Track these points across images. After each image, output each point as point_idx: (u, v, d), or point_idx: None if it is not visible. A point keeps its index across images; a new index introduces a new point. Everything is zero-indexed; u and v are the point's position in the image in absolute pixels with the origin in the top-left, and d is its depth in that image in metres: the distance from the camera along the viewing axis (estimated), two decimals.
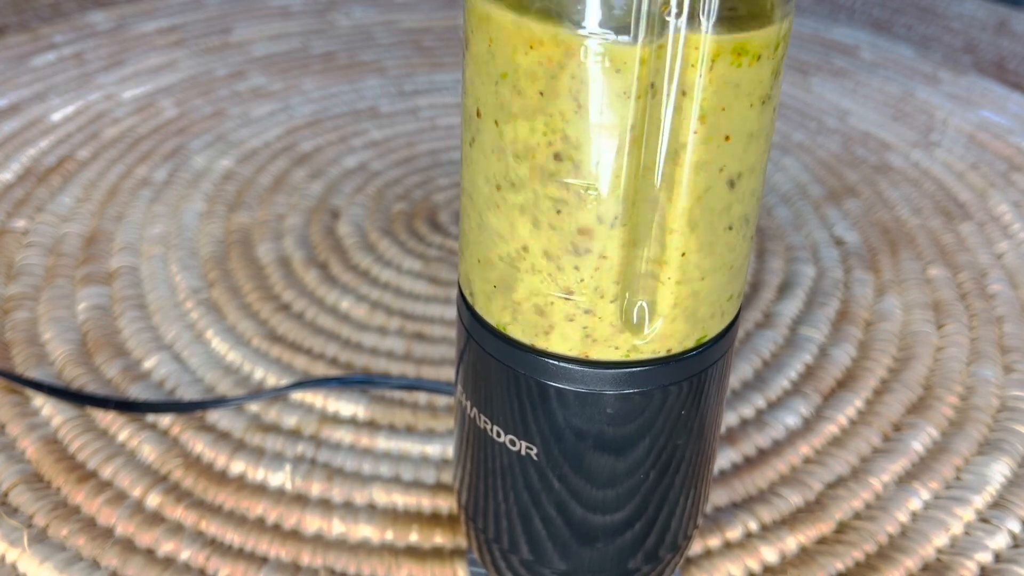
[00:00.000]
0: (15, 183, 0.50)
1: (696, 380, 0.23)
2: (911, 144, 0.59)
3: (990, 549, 0.32)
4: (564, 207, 0.20)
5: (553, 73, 0.19)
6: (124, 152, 0.53)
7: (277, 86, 0.63)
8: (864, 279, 0.46)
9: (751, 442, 0.36)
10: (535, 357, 0.22)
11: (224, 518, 0.32)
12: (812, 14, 0.82)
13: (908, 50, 0.74)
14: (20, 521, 0.31)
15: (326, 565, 0.31)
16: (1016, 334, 0.42)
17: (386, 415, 0.36)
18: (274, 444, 0.35)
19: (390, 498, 0.33)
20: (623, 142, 0.19)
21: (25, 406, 0.36)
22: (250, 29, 0.71)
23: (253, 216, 0.49)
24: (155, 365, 0.38)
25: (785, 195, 0.53)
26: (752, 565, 0.31)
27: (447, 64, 0.68)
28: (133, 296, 0.42)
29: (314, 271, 0.45)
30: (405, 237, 0.48)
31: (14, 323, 0.40)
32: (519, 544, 0.26)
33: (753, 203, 0.22)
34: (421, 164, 0.55)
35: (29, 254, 0.44)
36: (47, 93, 0.59)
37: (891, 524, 0.33)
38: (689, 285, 0.21)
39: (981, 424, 0.37)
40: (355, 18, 0.75)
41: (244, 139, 0.56)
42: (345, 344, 0.40)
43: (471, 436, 0.25)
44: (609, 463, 0.23)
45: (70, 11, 0.73)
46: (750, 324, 0.43)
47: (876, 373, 0.40)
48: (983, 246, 0.49)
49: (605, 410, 0.22)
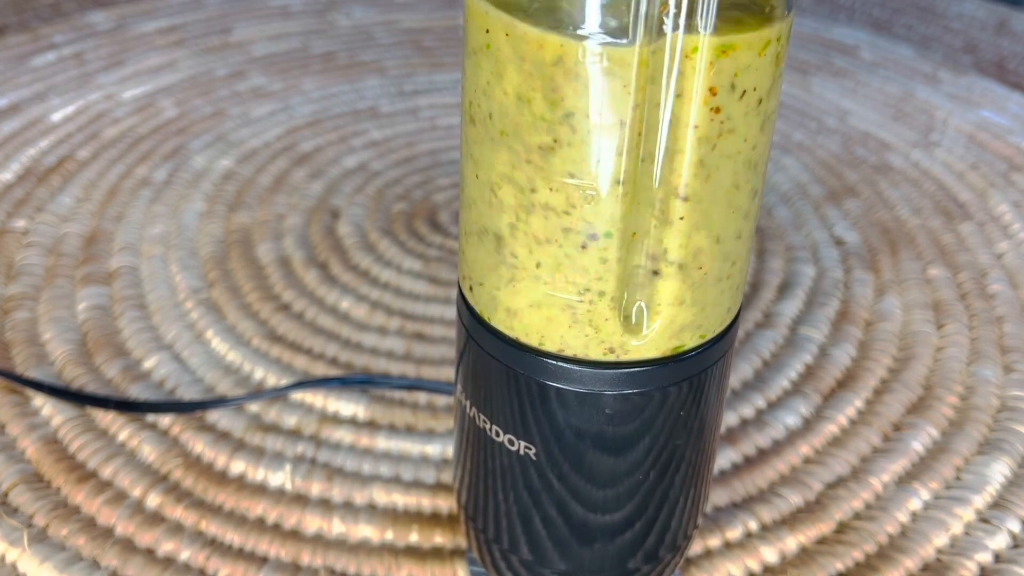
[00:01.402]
0: (15, 183, 0.50)
1: (696, 381, 0.23)
2: (911, 144, 0.59)
3: (990, 549, 0.32)
4: (563, 207, 0.20)
5: (552, 74, 0.19)
6: (124, 152, 0.54)
7: (277, 86, 0.63)
8: (864, 279, 0.46)
9: (751, 442, 0.36)
10: (534, 357, 0.22)
11: (224, 518, 0.32)
12: (812, 14, 0.82)
13: (908, 50, 0.74)
14: (20, 521, 0.31)
15: (326, 565, 0.31)
16: (1016, 334, 0.42)
17: (386, 415, 0.36)
18: (274, 444, 0.35)
19: (390, 498, 0.33)
20: (622, 143, 0.19)
21: (25, 406, 0.36)
22: (250, 29, 0.71)
23: (253, 216, 0.49)
24: (155, 365, 0.38)
25: (785, 195, 0.53)
26: (752, 565, 0.31)
27: (447, 64, 0.68)
28: (133, 296, 0.42)
29: (314, 271, 0.45)
30: (405, 237, 0.48)
31: (14, 323, 0.40)
32: (519, 544, 0.26)
33: (753, 203, 0.22)
34: (421, 164, 0.55)
35: (29, 254, 0.44)
36: (47, 93, 0.59)
37: (891, 524, 0.33)
38: (688, 286, 0.21)
39: (981, 424, 0.37)
40: (355, 18, 0.75)
41: (244, 139, 0.56)
42: (345, 344, 0.40)
43: (471, 436, 0.25)
44: (608, 463, 0.23)
45: (70, 11, 0.73)
46: (750, 324, 0.43)
47: (876, 373, 0.40)
48: (983, 246, 0.49)
49: (604, 411, 0.22)
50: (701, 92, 0.19)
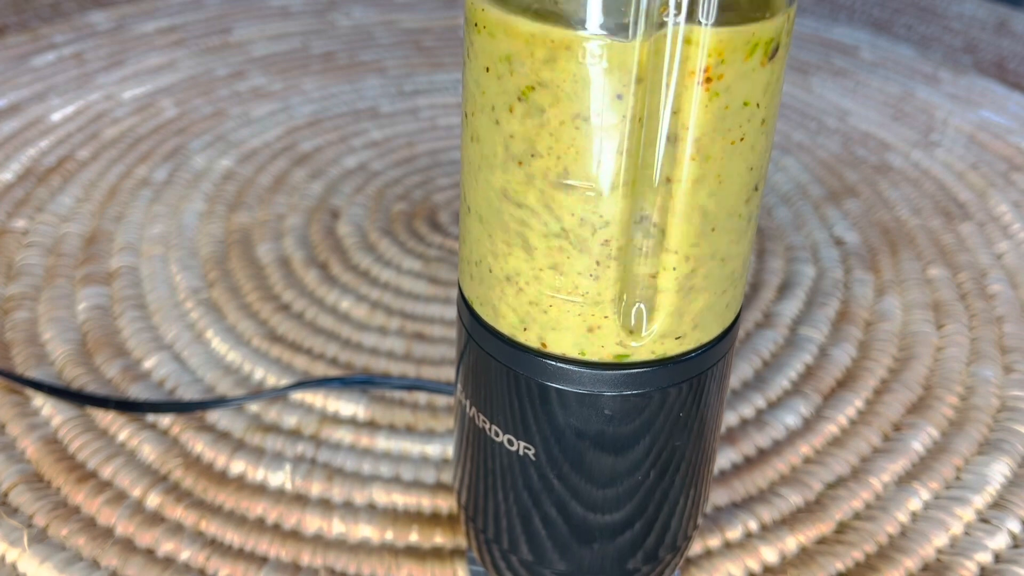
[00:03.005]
0: (15, 183, 0.50)
1: (695, 382, 0.23)
2: (911, 144, 0.59)
3: (990, 549, 0.32)
4: (562, 207, 0.20)
5: (551, 73, 0.19)
6: (124, 152, 0.54)
7: (277, 86, 0.63)
8: (864, 279, 0.46)
9: (751, 442, 0.36)
10: (534, 357, 0.22)
11: (224, 518, 0.32)
12: (812, 14, 0.82)
13: (908, 50, 0.74)
14: (20, 521, 0.31)
15: (326, 565, 0.31)
16: (1016, 334, 0.42)
17: (386, 415, 0.36)
18: (274, 444, 0.35)
19: (390, 498, 0.33)
20: (622, 142, 0.19)
21: (25, 406, 0.36)
22: (250, 29, 0.71)
23: (253, 216, 0.49)
24: (155, 365, 0.38)
25: (785, 195, 0.53)
26: (752, 565, 0.31)
27: (447, 64, 0.68)
28: (133, 296, 0.42)
29: (314, 271, 0.45)
30: (405, 237, 0.48)
31: (14, 323, 0.40)
32: (519, 544, 0.26)
33: (754, 203, 0.22)
34: (421, 164, 0.55)
35: (29, 254, 0.44)
36: (47, 93, 0.59)
37: (891, 524, 0.33)
38: (688, 287, 0.21)
39: (981, 424, 0.37)
40: (355, 18, 0.75)
41: (244, 139, 0.56)
42: (345, 344, 0.40)
43: (470, 436, 0.25)
44: (608, 464, 0.23)
45: (70, 11, 0.73)
46: (750, 324, 0.43)
47: (876, 373, 0.40)
48: (983, 246, 0.49)
49: (603, 412, 0.22)
50: (701, 89, 0.19)
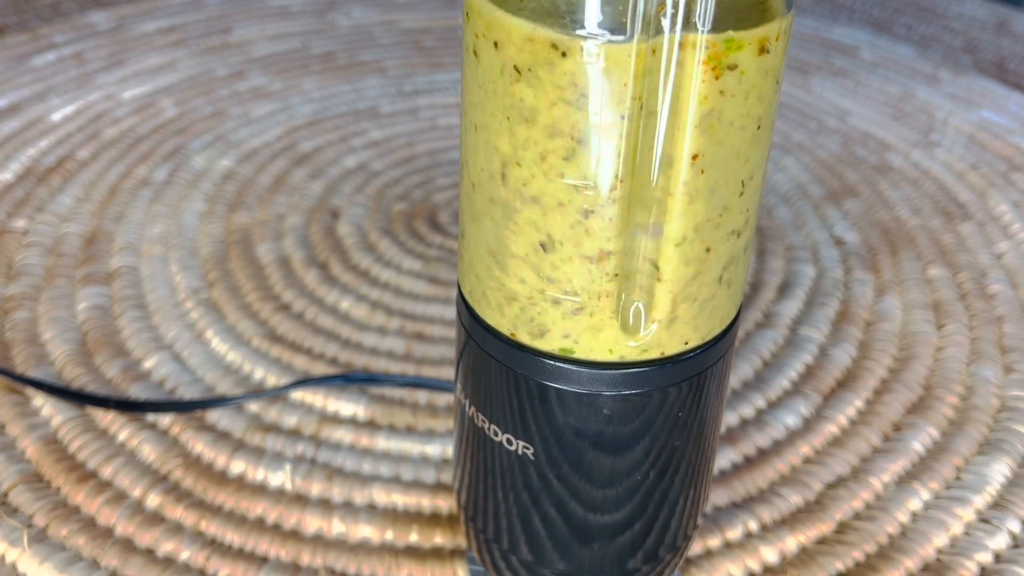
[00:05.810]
0: (15, 183, 0.50)
1: (695, 382, 0.23)
2: (911, 144, 0.59)
3: (990, 549, 0.32)
4: (561, 207, 0.20)
5: (550, 73, 0.19)
6: (124, 152, 0.54)
7: (277, 86, 0.63)
8: (864, 279, 0.46)
9: (751, 442, 0.36)
10: (533, 357, 0.22)
11: (224, 518, 0.32)
12: (812, 14, 0.82)
13: (908, 50, 0.74)
14: (20, 521, 0.31)
15: (326, 565, 0.31)
16: (1016, 334, 0.42)
17: (386, 415, 0.36)
18: (274, 444, 0.35)
19: (390, 498, 0.33)
20: (620, 142, 0.19)
21: (25, 406, 0.36)
22: (250, 29, 0.71)
23: (253, 216, 0.49)
24: (155, 365, 0.38)
25: (785, 195, 0.53)
26: (752, 565, 0.31)
27: (447, 64, 0.68)
28: (133, 296, 0.42)
29: (314, 271, 0.45)
30: (405, 237, 0.48)
31: (14, 323, 0.40)
32: (518, 544, 0.26)
33: (753, 203, 0.22)
34: (421, 164, 0.55)
35: (29, 254, 0.44)
36: (47, 93, 0.59)
37: (891, 524, 0.33)
38: (687, 286, 0.21)
39: (981, 424, 0.37)
40: (355, 18, 0.75)
41: (244, 139, 0.56)
42: (345, 344, 0.40)
43: (470, 435, 0.25)
44: (607, 464, 0.23)
45: (70, 11, 0.73)
46: (750, 324, 0.43)
47: (876, 373, 0.40)
48: (983, 246, 0.49)
49: (602, 411, 0.22)
50: (699, 90, 0.19)
